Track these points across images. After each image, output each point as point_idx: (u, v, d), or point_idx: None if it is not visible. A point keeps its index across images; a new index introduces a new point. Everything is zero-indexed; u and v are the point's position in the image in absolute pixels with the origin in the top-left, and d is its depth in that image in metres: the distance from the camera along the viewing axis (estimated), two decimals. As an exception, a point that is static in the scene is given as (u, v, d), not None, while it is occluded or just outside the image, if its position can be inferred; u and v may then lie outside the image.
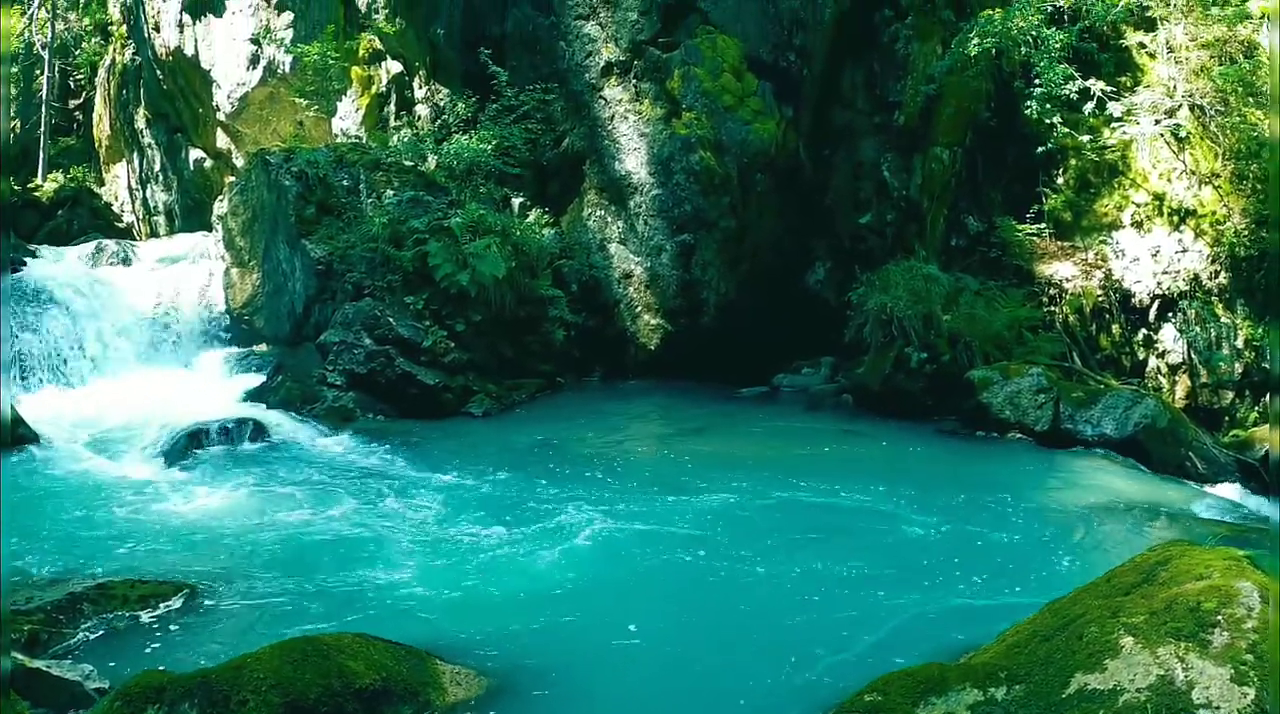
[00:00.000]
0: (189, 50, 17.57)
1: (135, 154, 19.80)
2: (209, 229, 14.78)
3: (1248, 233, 10.18)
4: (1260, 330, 10.06)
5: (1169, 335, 10.56)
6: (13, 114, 21.79)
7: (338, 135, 15.09)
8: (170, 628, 5.05)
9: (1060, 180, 11.45)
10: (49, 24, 21.82)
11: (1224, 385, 10.20)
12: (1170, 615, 3.59)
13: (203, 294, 13.05)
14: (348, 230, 11.89)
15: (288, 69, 15.98)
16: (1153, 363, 10.64)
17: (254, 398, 10.64)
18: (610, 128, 12.39)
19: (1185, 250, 10.54)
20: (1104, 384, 9.90)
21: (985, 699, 3.62)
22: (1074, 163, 11.32)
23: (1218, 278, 10.36)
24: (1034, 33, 10.92)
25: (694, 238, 11.97)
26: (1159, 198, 10.78)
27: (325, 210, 12.22)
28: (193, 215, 18.55)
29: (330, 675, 3.96)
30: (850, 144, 12.38)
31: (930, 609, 5.37)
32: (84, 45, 22.77)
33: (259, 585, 5.61)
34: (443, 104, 13.87)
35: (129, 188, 20.13)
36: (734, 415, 10.68)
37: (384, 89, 14.84)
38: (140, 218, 19.92)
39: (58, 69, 22.52)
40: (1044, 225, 11.43)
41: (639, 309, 12.40)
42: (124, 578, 5.46)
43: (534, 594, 5.56)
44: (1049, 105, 10.89)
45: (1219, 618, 3.49)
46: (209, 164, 18.78)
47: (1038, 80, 10.99)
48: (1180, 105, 10.73)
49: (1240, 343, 10.19)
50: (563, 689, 4.47)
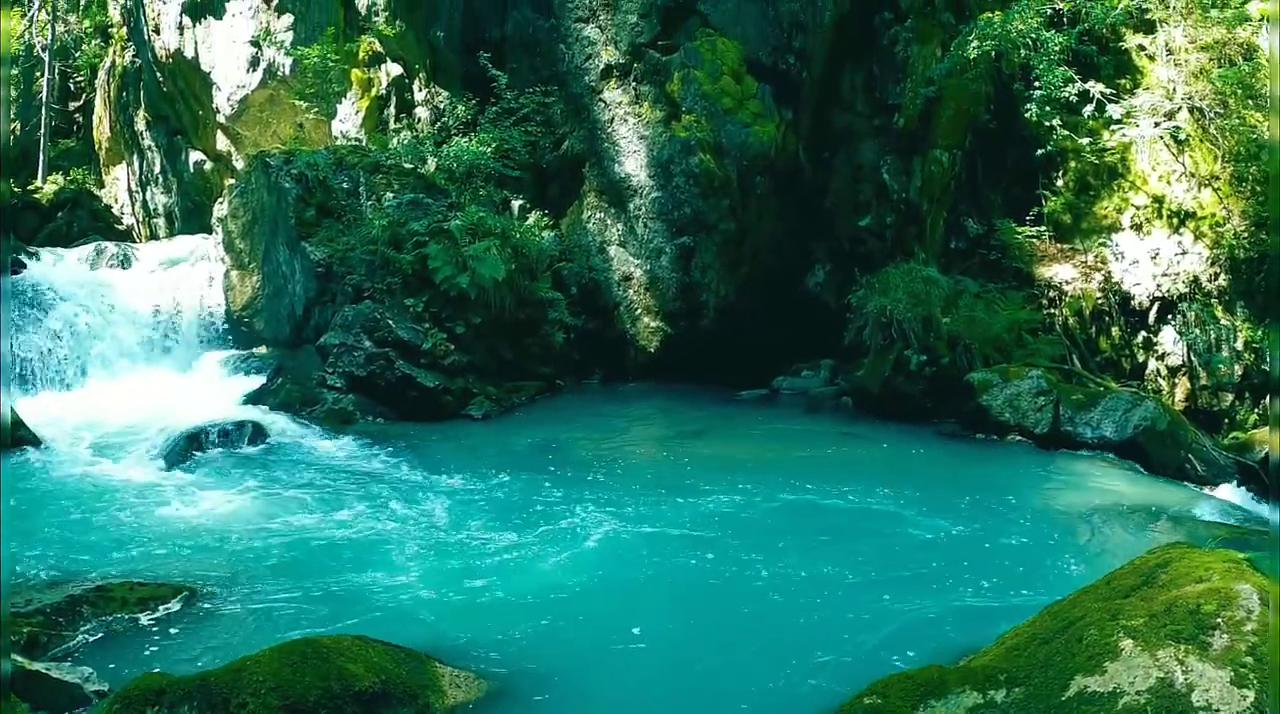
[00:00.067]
0: (189, 52, 17.59)
1: (135, 156, 19.81)
2: (209, 231, 14.78)
3: (1247, 235, 10.20)
4: (1260, 332, 10.07)
5: (1168, 338, 10.57)
6: (13, 116, 21.80)
7: (337, 138, 15.10)
8: (170, 630, 5.05)
9: (1060, 183, 11.46)
10: (49, 26, 21.84)
11: (1224, 388, 10.21)
12: (1170, 618, 3.59)
13: (202, 296, 13.05)
14: (347, 233, 11.90)
15: (288, 71, 16.00)
16: (1152, 365, 10.65)
17: (254, 400, 10.63)
18: (610, 130, 12.40)
19: (1185, 252, 10.54)
20: (1104, 386, 9.90)
21: (985, 702, 3.62)
22: (1073, 165, 11.33)
23: (1217, 280, 10.37)
24: (1033, 35, 10.92)
25: (694, 240, 11.98)
26: (1158, 200, 10.79)
27: (325, 213, 12.22)
28: (193, 217, 18.55)
29: (329, 678, 3.96)
30: (850, 147, 12.38)
31: (931, 611, 5.37)
32: (84, 47, 22.79)
33: (258, 588, 5.61)
34: (442, 106, 13.88)
35: (129, 190, 20.14)
36: (734, 418, 10.68)
37: (384, 91, 14.85)
38: (140, 220, 19.92)
39: (58, 71, 22.53)
40: (1043, 228, 11.43)
41: (639, 312, 12.41)
42: (123, 580, 5.46)
43: (535, 597, 5.55)
44: (1048, 108, 10.90)
45: (1219, 620, 3.49)
46: (209, 166, 18.79)
47: (1037, 83, 11.00)
48: (1180, 108, 10.74)
49: (1240, 345, 10.19)
50: (563, 692, 4.47)
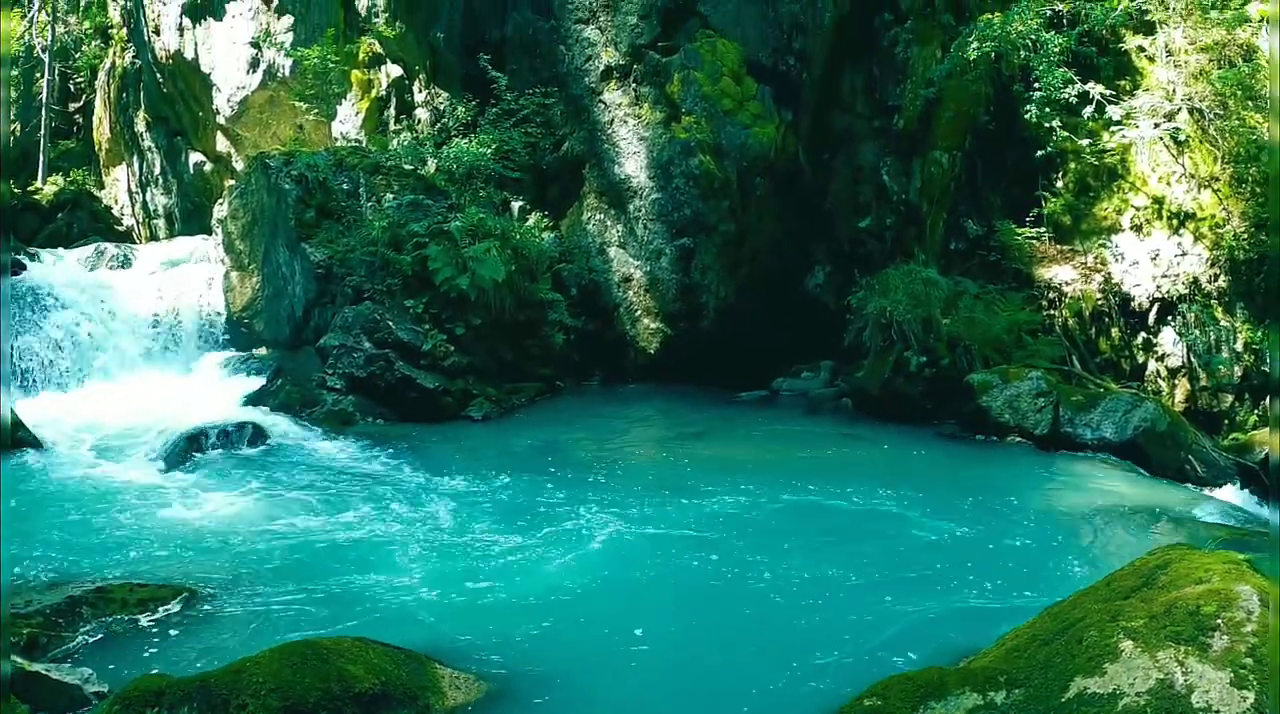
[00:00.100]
0: (189, 54, 17.59)
1: (135, 157, 19.82)
2: (209, 232, 14.78)
3: (1247, 236, 10.20)
4: (1260, 333, 10.07)
5: (1168, 339, 10.57)
6: (13, 117, 21.81)
7: (337, 139, 15.10)
8: (169, 631, 5.05)
9: (1059, 184, 11.46)
10: (49, 27, 21.86)
11: (1223, 389, 10.21)
12: (1170, 619, 3.59)
13: (202, 297, 13.04)
14: (347, 234, 11.90)
15: (288, 72, 16.01)
16: (1152, 366, 10.65)
17: (253, 401, 10.63)
18: (610, 132, 12.40)
19: (1184, 254, 10.54)
20: (1103, 388, 9.90)
21: (985, 703, 3.62)
22: (1073, 166, 11.33)
23: (1217, 281, 10.37)
24: (1033, 37, 10.93)
25: (693, 242, 11.98)
26: (1158, 201, 10.79)
27: (325, 214, 12.22)
28: (192, 219, 18.56)
29: (329, 679, 3.96)
30: (850, 148, 12.39)
31: (932, 612, 5.36)
32: (84, 48, 22.81)
33: (258, 589, 5.61)
34: (442, 108, 13.88)
35: (129, 191, 20.15)
36: (734, 419, 10.68)
37: (384, 93, 14.85)
38: (140, 221, 19.93)
39: (58, 72, 22.55)
40: (1043, 229, 11.43)
41: (638, 313, 12.41)
42: (123, 581, 5.45)
43: (537, 598, 5.55)
44: (1048, 109, 10.90)
45: (1218, 622, 3.49)
46: (209, 167, 18.80)
47: (1037, 84, 11.00)
48: (1179, 109, 10.74)
49: (1240, 346, 10.19)
50: (563, 693, 4.47)
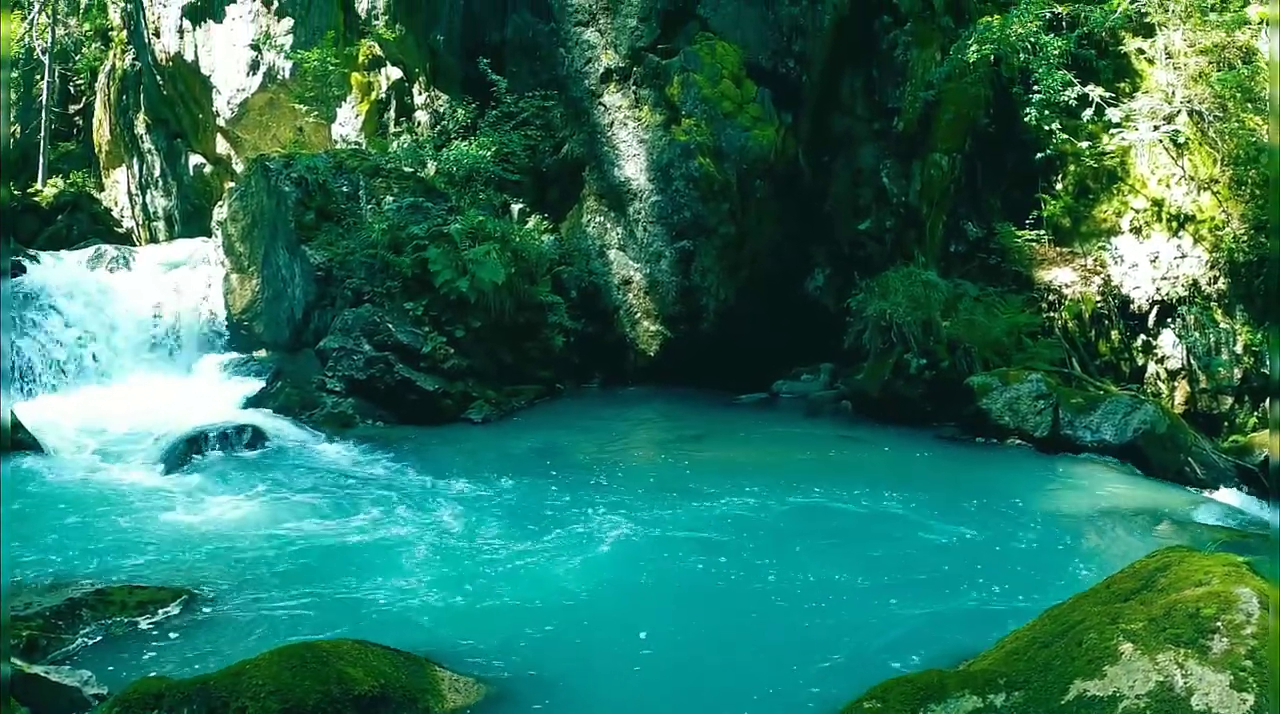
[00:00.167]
0: (189, 56, 17.61)
1: (135, 159, 19.83)
2: (209, 235, 14.77)
3: (1246, 238, 10.21)
4: (1259, 336, 10.07)
5: (1168, 341, 10.57)
6: (13, 119, 21.82)
7: (337, 141, 15.11)
8: (169, 634, 5.04)
9: (1059, 186, 11.47)
10: (49, 29, 21.87)
11: (1223, 391, 10.21)
12: (1169, 622, 3.59)
13: (202, 300, 13.05)
14: (347, 236, 11.89)
15: (288, 75, 16.01)
16: (1152, 368, 10.65)
17: (253, 404, 10.63)
18: (610, 134, 12.40)
19: (1184, 256, 10.55)
20: (1103, 390, 9.91)
21: (984, 706, 3.62)
22: (1073, 169, 11.34)
23: (1217, 283, 10.38)
24: (1033, 39, 10.94)
25: (693, 244, 11.98)
26: (1158, 203, 10.80)
27: (325, 216, 12.22)
28: (192, 221, 18.57)
29: (329, 682, 3.96)
30: (849, 150, 12.39)
31: (933, 614, 5.37)
32: (84, 50, 22.84)
33: (258, 591, 5.60)
34: (442, 110, 13.89)
35: (129, 193, 20.16)
36: (734, 422, 10.67)
37: (384, 95, 14.86)
38: (140, 223, 19.94)
39: (58, 74, 22.56)
40: (1043, 231, 11.44)
41: (638, 315, 12.41)
42: (123, 584, 5.45)
43: (538, 601, 5.55)
44: (1048, 111, 10.91)
45: (1218, 624, 3.49)
46: (209, 169, 18.81)
47: (1036, 86, 11.02)
48: (1179, 111, 10.75)
49: (1239, 348, 10.19)
50: (564, 696, 4.46)
